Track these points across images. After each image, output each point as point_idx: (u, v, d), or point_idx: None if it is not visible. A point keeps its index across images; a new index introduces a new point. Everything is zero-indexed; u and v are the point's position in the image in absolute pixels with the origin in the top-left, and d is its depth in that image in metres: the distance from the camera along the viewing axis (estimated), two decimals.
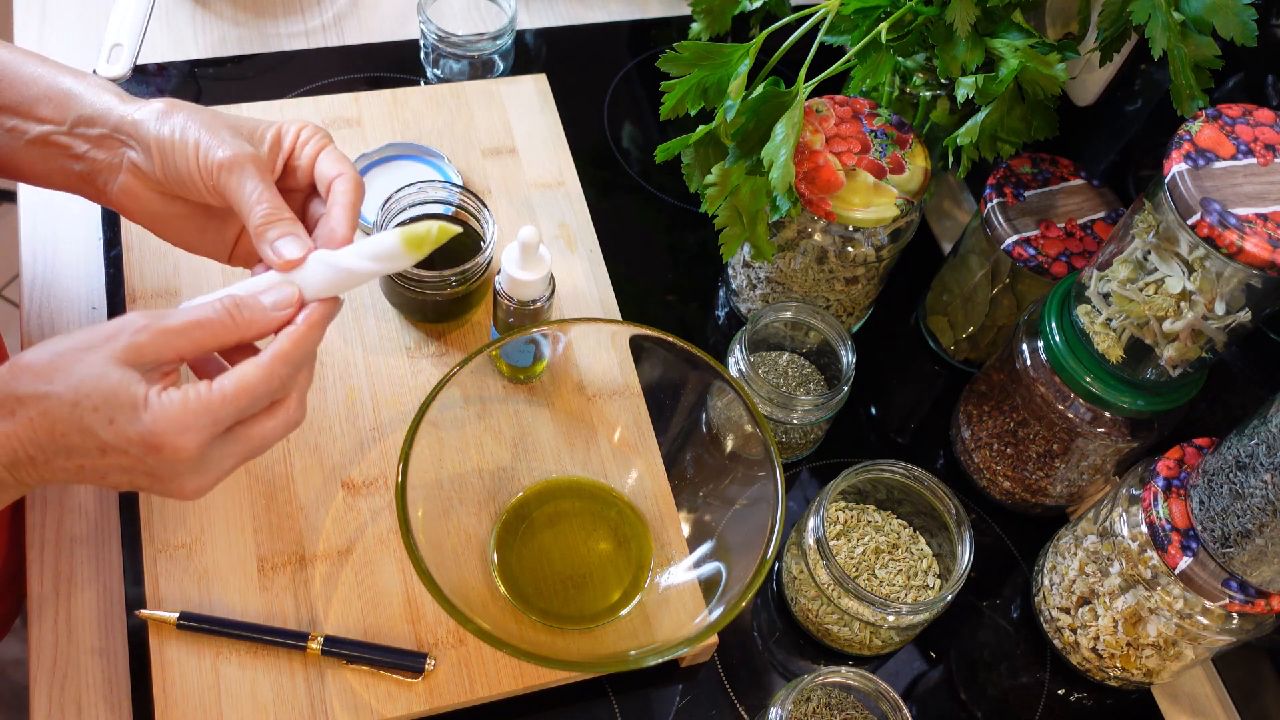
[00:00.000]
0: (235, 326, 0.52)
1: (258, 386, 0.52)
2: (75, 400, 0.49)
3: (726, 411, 0.71)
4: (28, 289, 0.78)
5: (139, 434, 0.50)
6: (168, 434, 0.50)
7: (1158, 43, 0.64)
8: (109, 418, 0.49)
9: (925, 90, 0.81)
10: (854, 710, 0.68)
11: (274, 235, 0.54)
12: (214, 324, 0.51)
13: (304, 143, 0.59)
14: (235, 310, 0.52)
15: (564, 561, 0.70)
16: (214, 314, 0.51)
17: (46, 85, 0.60)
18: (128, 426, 0.50)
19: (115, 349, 0.50)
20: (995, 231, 0.77)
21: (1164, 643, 0.67)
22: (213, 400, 0.51)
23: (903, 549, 0.75)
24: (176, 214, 0.60)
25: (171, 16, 0.96)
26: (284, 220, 0.55)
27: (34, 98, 0.60)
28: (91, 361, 0.49)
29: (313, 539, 0.68)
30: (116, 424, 0.50)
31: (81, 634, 0.66)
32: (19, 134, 0.60)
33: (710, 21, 0.78)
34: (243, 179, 0.55)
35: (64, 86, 0.60)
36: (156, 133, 0.57)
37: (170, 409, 0.50)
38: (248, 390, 0.51)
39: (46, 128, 0.60)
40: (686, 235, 0.91)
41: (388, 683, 0.64)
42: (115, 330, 0.50)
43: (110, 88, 0.60)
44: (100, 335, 0.50)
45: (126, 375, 0.50)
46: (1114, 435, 0.70)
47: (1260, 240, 0.55)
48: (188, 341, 0.51)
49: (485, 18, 0.98)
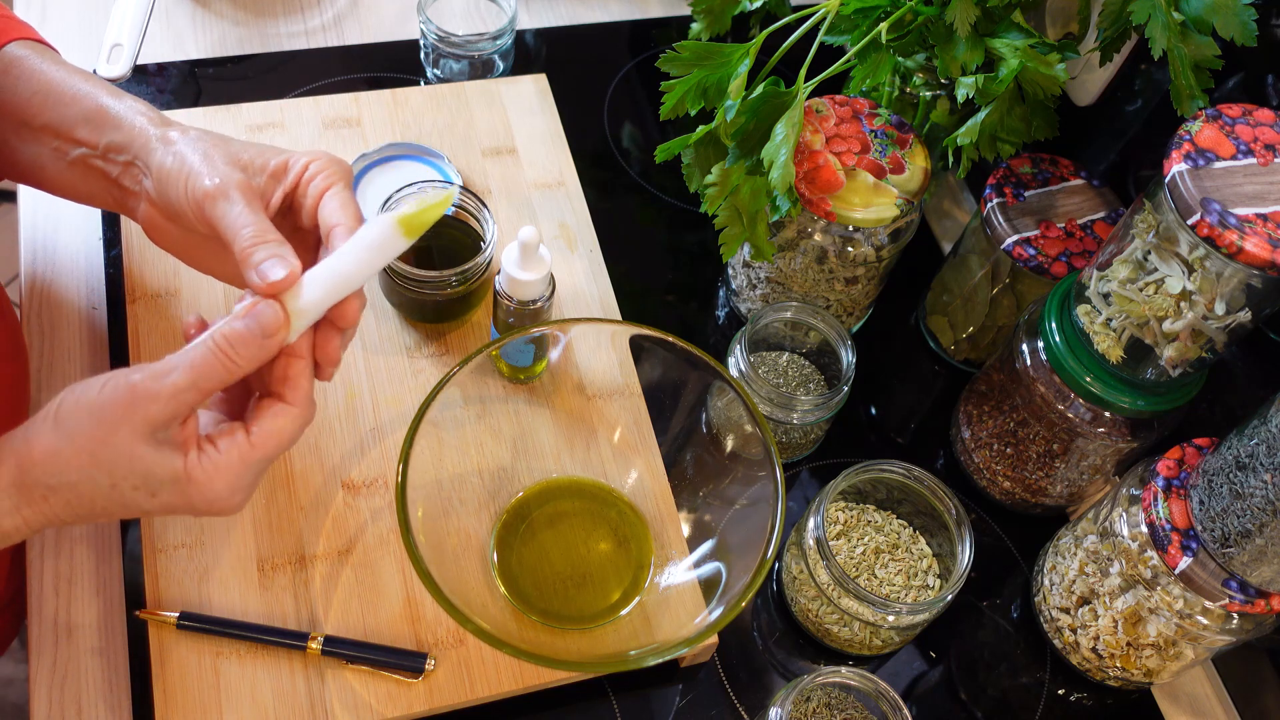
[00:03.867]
0: (235, 368, 0.51)
1: (295, 435, 0.53)
2: (113, 483, 0.50)
3: (726, 411, 0.71)
4: (28, 289, 0.78)
5: (185, 501, 0.51)
6: (218, 500, 0.52)
7: (1158, 43, 0.64)
8: (151, 492, 0.51)
9: (925, 90, 0.81)
10: (854, 710, 0.68)
11: (259, 258, 0.51)
12: (215, 371, 0.50)
13: (310, 178, 0.56)
14: (231, 352, 0.50)
15: (564, 561, 0.70)
16: (214, 359, 0.50)
17: (86, 106, 0.59)
18: (172, 497, 0.51)
19: (135, 426, 0.49)
20: (995, 231, 0.77)
21: (1164, 643, 0.67)
22: (254, 457, 0.52)
23: (903, 549, 0.75)
24: (194, 243, 0.59)
25: (171, 16, 0.96)
26: (269, 243, 0.52)
27: (74, 119, 0.59)
28: (115, 443, 0.49)
29: (313, 539, 0.68)
30: (160, 495, 0.51)
31: (81, 634, 0.66)
32: (62, 154, 0.60)
33: (710, 21, 0.78)
34: (228, 207, 0.53)
35: (103, 106, 0.59)
36: (159, 163, 0.56)
37: (215, 476, 0.51)
38: (288, 440, 0.53)
39: (83, 150, 0.59)
40: (686, 235, 0.91)
41: (388, 683, 0.64)
42: (126, 403, 0.49)
43: (146, 110, 0.59)
44: (113, 410, 0.49)
45: (158, 450, 0.50)
46: (1114, 435, 0.70)
47: (1260, 240, 0.55)
48: (195, 394, 0.50)
49: (485, 18, 0.98)
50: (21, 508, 0.50)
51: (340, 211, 0.54)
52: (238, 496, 0.52)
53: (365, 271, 0.52)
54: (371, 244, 0.52)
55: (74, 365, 0.75)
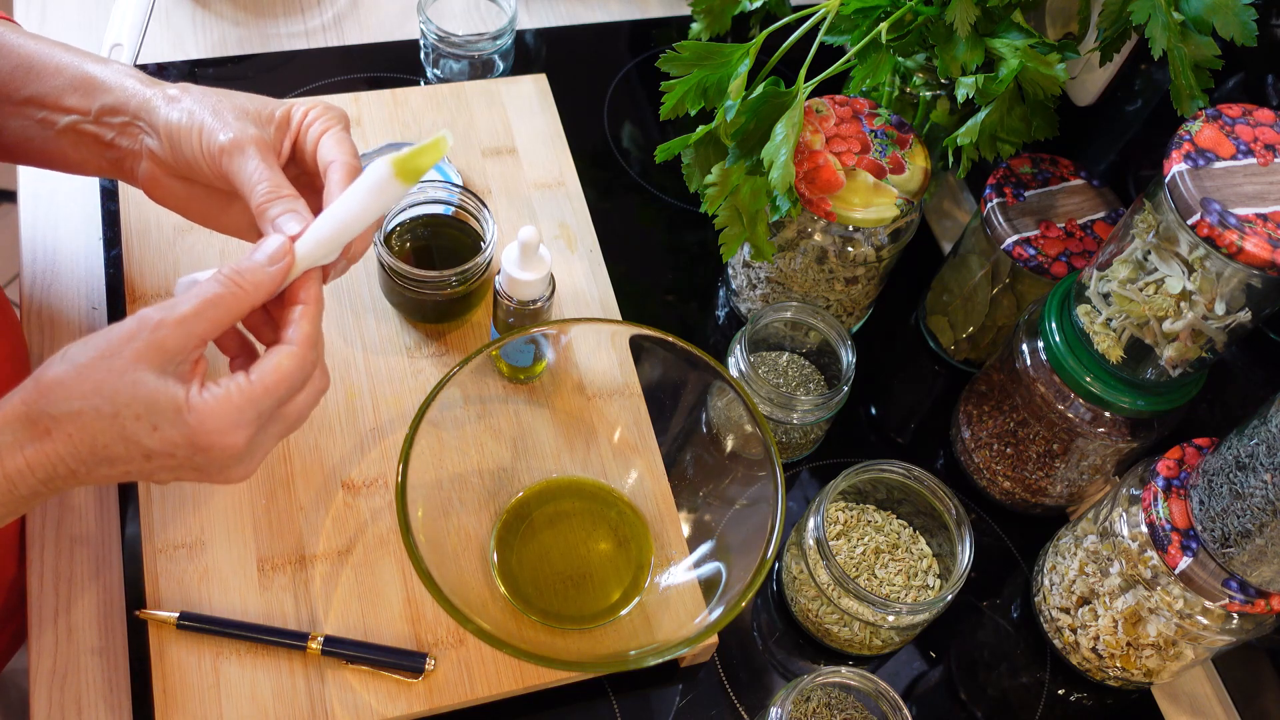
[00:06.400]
0: (245, 295, 0.51)
1: (295, 373, 0.52)
2: (114, 412, 0.49)
3: (726, 411, 0.71)
4: (28, 289, 0.78)
5: (185, 437, 0.50)
6: (215, 433, 0.50)
7: (1158, 43, 0.64)
8: (152, 424, 0.49)
9: (925, 90, 0.81)
10: (854, 710, 0.68)
11: (275, 213, 0.54)
12: (224, 299, 0.51)
13: (309, 124, 0.58)
14: (239, 278, 0.51)
15: (564, 561, 0.70)
16: (222, 289, 0.51)
17: (73, 74, 0.60)
18: (173, 431, 0.50)
19: (140, 351, 0.49)
20: (995, 231, 0.77)
21: (1164, 643, 0.67)
22: (255, 393, 0.51)
23: (903, 549, 0.75)
24: (198, 196, 0.60)
25: (171, 16, 0.96)
26: (284, 198, 0.54)
27: (61, 88, 0.60)
28: (120, 369, 0.49)
29: (313, 539, 0.68)
30: (161, 429, 0.49)
31: (81, 634, 0.66)
32: (49, 125, 0.60)
33: (710, 21, 0.78)
34: (244, 161, 0.55)
35: (90, 74, 0.60)
36: (165, 119, 0.57)
37: (215, 408, 0.50)
38: (287, 379, 0.52)
39: (73, 117, 0.60)
40: (686, 235, 0.91)
41: (388, 683, 0.64)
42: (133, 331, 0.49)
43: (134, 73, 0.60)
44: (120, 339, 0.49)
45: (162, 378, 0.49)
46: (1114, 435, 0.70)
47: (1260, 240, 0.55)
48: (206, 324, 0.50)
49: (485, 18, 0.98)
50: (25, 445, 0.49)
51: (336, 149, 0.56)
52: (239, 434, 0.51)
53: (364, 215, 0.53)
54: (370, 187, 0.53)
55: None
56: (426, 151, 0.52)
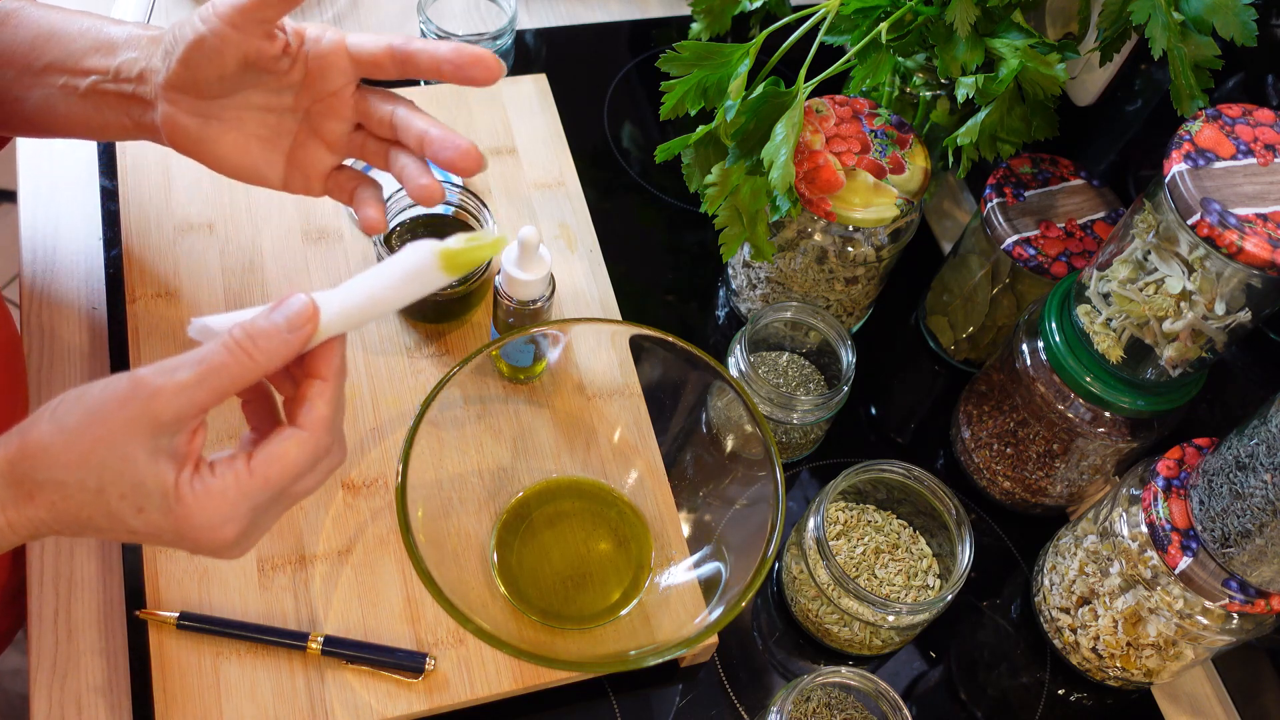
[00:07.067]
0: (254, 365, 0.46)
1: (301, 463, 0.48)
2: (100, 487, 0.45)
3: (726, 411, 0.71)
4: (28, 289, 0.78)
5: (172, 525, 0.47)
6: (204, 528, 0.47)
7: (1158, 43, 0.64)
8: (138, 506, 0.46)
9: (925, 90, 0.81)
10: (854, 710, 0.68)
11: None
12: (230, 368, 0.46)
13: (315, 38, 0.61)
14: (249, 344, 0.46)
15: (564, 561, 0.70)
16: (229, 356, 0.46)
17: (94, 37, 0.60)
18: (158, 517, 0.46)
19: (132, 420, 0.45)
20: (995, 231, 0.77)
21: (1164, 643, 0.67)
22: (252, 487, 0.47)
23: (903, 549, 0.75)
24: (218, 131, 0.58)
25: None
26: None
27: (82, 50, 0.60)
28: (110, 440, 0.45)
29: (313, 539, 0.68)
30: (146, 513, 0.46)
31: (81, 634, 0.66)
32: (72, 90, 0.60)
33: (710, 21, 0.78)
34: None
35: (109, 35, 0.60)
36: (172, 36, 0.56)
37: (205, 502, 0.46)
38: (292, 469, 0.48)
39: (94, 78, 0.59)
40: (686, 235, 0.91)
41: (388, 683, 0.64)
42: (126, 396, 0.45)
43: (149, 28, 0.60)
44: (112, 403, 0.45)
45: (153, 458, 0.45)
46: (1114, 435, 0.70)
47: (1260, 240, 0.55)
48: (207, 393, 0.45)
49: (485, 18, 0.98)
50: (8, 506, 0.46)
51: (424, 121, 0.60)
52: (230, 529, 0.47)
53: (398, 299, 0.49)
54: (409, 272, 0.48)
55: (74, 365, 0.75)
56: (479, 250, 0.48)
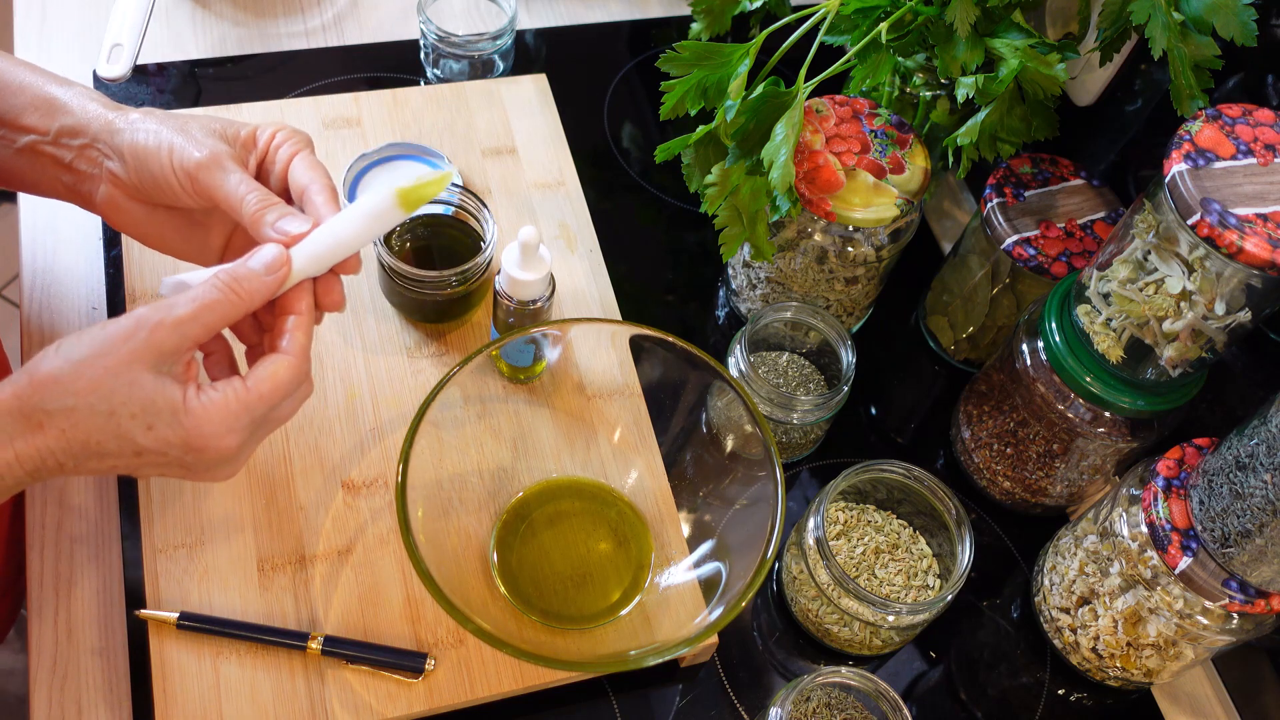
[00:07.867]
0: (240, 301, 0.52)
1: (289, 383, 0.54)
2: (110, 410, 0.50)
3: (726, 411, 0.71)
4: (28, 289, 0.78)
5: (181, 437, 0.51)
6: (211, 436, 0.52)
7: (1158, 43, 0.64)
8: (147, 424, 0.50)
9: (925, 90, 0.81)
10: (854, 710, 0.68)
11: (273, 218, 0.55)
12: (220, 304, 0.52)
13: (278, 145, 0.59)
14: (236, 285, 0.52)
15: (564, 561, 0.70)
16: (218, 294, 0.52)
17: (34, 94, 0.60)
18: (168, 431, 0.51)
19: (137, 351, 0.50)
20: (995, 231, 0.77)
21: (1164, 643, 0.67)
22: (251, 400, 0.52)
23: (903, 549, 0.75)
24: (159, 222, 0.61)
25: (171, 16, 0.96)
26: (276, 204, 0.56)
27: (21, 106, 0.60)
28: (116, 368, 0.49)
29: (313, 539, 0.68)
30: (156, 429, 0.51)
31: (81, 634, 0.66)
32: (8, 143, 0.60)
33: (710, 21, 0.78)
34: (224, 175, 0.56)
35: (51, 95, 0.60)
36: (130, 141, 0.57)
37: (211, 412, 0.51)
38: (282, 388, 0.53)
39: (32, 137, 0.60)
40: (686, 235, 0.91)
41: (388, 683, 0.64)
42: (130, 330, 0.50)
43: (96, 96, 0.60)
44: (117, 336, 0.50)
45: (158, 379, 0.50)
46: (1114, 435, 0.70)
47: (1260, 240, 0.55)
48: (200, 327, 0.51)
49: (485, 18, 0.98)
50: (15, 438, 0.49)
51: (310, 172, 0.58)
52: (232, 439, 0.52)
53: (361, 237, 0.55)
54: (370, 211, 0.55)
55: None
56: (431, 185, 0.55)
